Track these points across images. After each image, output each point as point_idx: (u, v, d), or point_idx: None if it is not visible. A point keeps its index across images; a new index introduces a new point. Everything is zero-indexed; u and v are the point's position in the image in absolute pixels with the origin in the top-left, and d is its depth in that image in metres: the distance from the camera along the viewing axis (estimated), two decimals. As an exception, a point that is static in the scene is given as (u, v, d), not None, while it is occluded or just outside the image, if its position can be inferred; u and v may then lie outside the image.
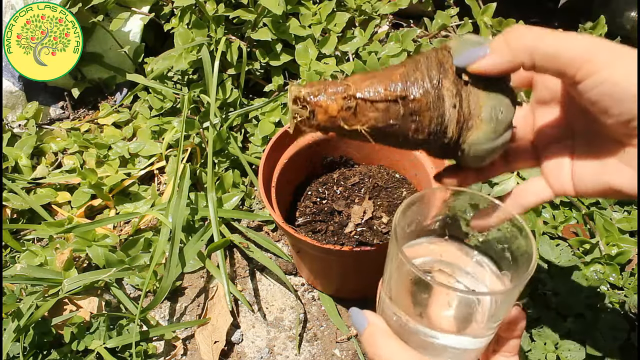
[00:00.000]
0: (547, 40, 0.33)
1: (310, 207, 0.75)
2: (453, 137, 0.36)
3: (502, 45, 0.34)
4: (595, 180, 0.37)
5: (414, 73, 0.36)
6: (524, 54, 0.33)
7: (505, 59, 0.34)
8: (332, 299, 0.75)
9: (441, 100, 0.35)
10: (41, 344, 0.68)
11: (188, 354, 0.72)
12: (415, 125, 0.36)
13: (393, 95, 0.36)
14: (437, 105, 0.35)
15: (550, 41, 0.33)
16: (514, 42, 0.33)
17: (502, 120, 0.35)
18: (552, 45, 0.32)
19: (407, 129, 0.37)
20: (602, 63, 0.31)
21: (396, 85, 0.36)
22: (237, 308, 0.76)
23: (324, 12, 0.90)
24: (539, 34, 0.33)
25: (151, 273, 0.71)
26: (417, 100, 0.36)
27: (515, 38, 0.33)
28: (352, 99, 0.36)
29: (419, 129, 0.36)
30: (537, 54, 0.33)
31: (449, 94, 0.35)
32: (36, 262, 0.77)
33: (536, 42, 0.33)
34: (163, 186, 0.91)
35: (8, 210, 0.84)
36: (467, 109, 0.35)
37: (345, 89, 0.37)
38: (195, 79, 0.98)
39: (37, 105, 1.00)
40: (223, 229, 0.80)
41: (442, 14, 0.94)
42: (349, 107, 0.37)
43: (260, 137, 0.88)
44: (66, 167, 0.92)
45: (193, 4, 0.92)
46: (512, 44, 0.33)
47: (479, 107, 0.35)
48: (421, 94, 0.35)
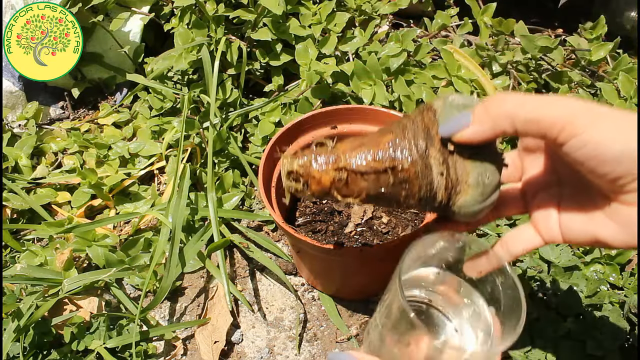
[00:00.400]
0: (527, 106, 0.33)
1: (310, 207, 0.75)
2: (443, 201, 0.38)
3: (483, 115, 0.35)
4: (583, 231, 0.38)
5: (402, 141, 0.37)
6: (505, 122, 0.34)
7: (487, 128, 0.35)
8: (332, 299, 0.75)
9: (429, 169, 0.37)
10: (41, 344, 0.68)
11: (188, 354, 0.72)
12: (406, 192, 0.38)
13: (382, 166, 0.37)
14: (425, 174, 0.37)
15: (529, 107, 0.33)
16: (495, 111, 0.34)
17: (488, 184, 0.37)
18: (532, 111, 0.33)
19: (398, 195, 0.38)
20: (583, 126, 0.32)
21: (384, 154, 0.37)
22: (237, 308, 0.76)
23: (324, 12, 0.90)
24: (519, 101, 0.34)
25: (151, 273, 0.71)
26: (405, 170, 0.37)
27: (496, 107, 0.34)
28: (343, 171, 0.38)
29: (409, 195, 0.38)
30: (518, 121, 0.34)
31: (436, 163, 0.37)
32: (36, 262, 0.77)
33: (516, 110, 0.34)
34: (163, 186, 0.91)
35: (8, 210, 0.84)
36: (454, 176, 0.37)
37: (336, 160, 0.38)
38: (195, 79, 0.98)
39: (37, 105, 1.00)
40: (223, 229, 0.80)
41: (442, 14, 0.94)
42: (340, 178, 0.38)
43: (260, 137, 0.88)
44: (66, 167, 0.92)
45: (193, 4, 0.92)
46: (492, 113, 0.34)
47: (466, 174, 0.36)
48: (409, 164, 0.37)
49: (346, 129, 0.75)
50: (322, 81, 0.86)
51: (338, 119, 0.74)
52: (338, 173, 0.38)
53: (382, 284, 0.45)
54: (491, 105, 0.35)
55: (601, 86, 0.79)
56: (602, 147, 0.32)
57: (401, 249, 0.38)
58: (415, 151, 0.37)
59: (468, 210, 0.38)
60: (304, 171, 0.39)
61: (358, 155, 0.38)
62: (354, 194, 0.39)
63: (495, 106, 0.34)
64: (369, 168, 0.38)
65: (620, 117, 0.32)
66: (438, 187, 0.37)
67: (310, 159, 0.39)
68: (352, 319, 0.74)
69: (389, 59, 0.83)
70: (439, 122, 0.36)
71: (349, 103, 0.87)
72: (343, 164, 0.38)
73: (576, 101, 0.33)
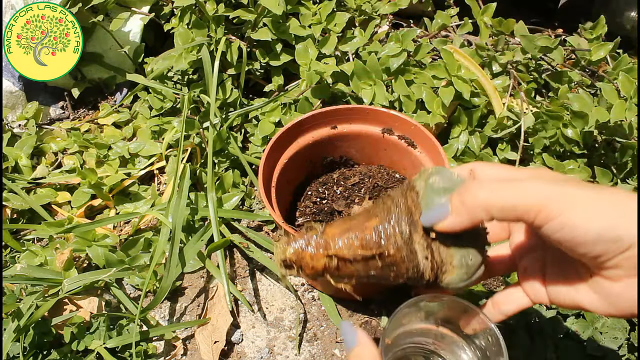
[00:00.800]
0: (500, 195, 0.35)
1: (310, 207, 0.75)
2: (430, 279, 0.40)
3: (459, 207, 0.36)
4: (568, 298, 0.39)
5: (387, 227, 0.40)
6: (481, 212, 0.35)
7: (464, 219, 0.36)
8: (332, 299, 0.75)
9: (414, 253, 0.39)
10: (41, 344, 0.68)
11: (188, 354, 0.72)
12: (394, 274, 0.41)
13: (369, 253, 0.40)
14: (410, 258, 0.39)
15: (503, 196, 0.35)
16: (470, 202, 0.36)
17: (472, 265, 0.39)
18: (505, 199, 0.34)
19: (387, 276, 0.41)
20: (558, 209, 0.33)
21: (371, 241, 0.40)
22: (237, 308, 0.76)
23: (324, 12, 0.90)
24: (492, 190, 0.35)
25: (151, 273, 0.71)
26: (392, 255, 0.39)
27: (471, 198, 0.36)
28: (334, 258, 0.41)
29: (397, 275, 0.41)
30: (493, 210, 0.35)
31: (420, 248, 0.39)
32: (36, 262, 0.77)
33: (490, 200, 0.35)
34: (163, 186, 0.91)
35: (8, 210, 0.84)
36: (439, 258, 0.39)
37: (325, 247, 0.41)
38: (195, 79, 0.98)
39: (37, 105, 1.00)
40: (223, 229, 0.80)
41: (442, 14, 0.94)
42: (331, 264, 0.41)
43: (260, 137, 0.88)
44: (66, 167, 0.92)
45: (193, 4, 0.92)
46: (468, 205, 0.36)
47: (450, 256, 0.39)
48: (395, 250, 0.39)
49: (346, 129, 0.75)
50: (322, 81, 0.86)
51: (338, 119, 0.74)
52: (329, 260, 0.41)
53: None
54: (466, 197, 0.36)
55: (601, 86, 0.79)
56: (578, 230, 0.33)
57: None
58: (399, 238, 0.39)
59: (455, 286, 0.40)
60: (296, 258, 0.42)
61: (346, 243, 0.41)
62: (346, 277, 0.42)
63: (470, 197, 0.36)
64: (357, 255, 0.40)
65: (593, 199, 0.33)
66: (424, 269, 0.39)
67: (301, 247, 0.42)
68: (352, 319, 0.74)
69: (389, 59, 0.83)
70: (421, 207, 0.39)
71: (349, 103, 0.87)
72: (333, 252, 0.41)
73: (548, 185, 0.34)
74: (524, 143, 0.77)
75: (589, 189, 0.33)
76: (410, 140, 0.73)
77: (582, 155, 0.81)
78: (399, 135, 0.73)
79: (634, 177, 0.79)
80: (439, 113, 0.80)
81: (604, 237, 0.32)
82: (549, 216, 0.33)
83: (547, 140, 0.80)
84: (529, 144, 0.80)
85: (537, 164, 0.80)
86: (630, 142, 0.76)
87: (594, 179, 0.80)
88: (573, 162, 0.79)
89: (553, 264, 0.41)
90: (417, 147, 0.72)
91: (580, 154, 0.79)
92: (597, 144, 0.82)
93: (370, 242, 0.40)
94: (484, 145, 0.84)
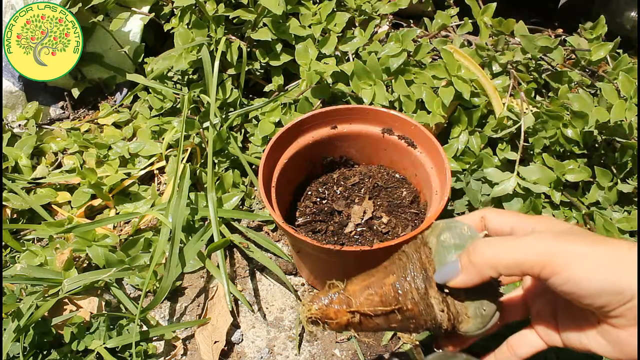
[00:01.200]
0: (506, 253, 0.37)
1: (310, 207, 0.75)
2: (448, 328, 0.43)
3: (468, 266, 0.39)
4: (578, 343, 0.41)
5: (403, 284, 0.43)
6: (489, 270, 0.38)
7: (473, 277, 0.39)
8: (332, 299, 0.75)
9: (430, 307, 0.43)
10: (41, 344, 0.68)
11: (188, 354, 0.72)
12: (414, 325, 0.44)
13: (389, 308, 0.43)
14: (427, 311, 0.43)
15: (509, 254, 0.37)
16: (478, 261, 0.38)
17: (486, 315, 0.42)
18: (511, 257, 0.37)
19: (407, 327, 0.45)
20: (561, 265, 0.35)
21: (389, 296, 0.43)
22: (237, 308, 0.76)
23: (324, 12, 0.90)
24: (497, 249, 0.38)
25: (151, 273, 0.71)
26: (410, 309, 0.43)
27: (478, 257, 0.38)
28: (356, 314, 0.44)
29: (417, 327, 0.44)
30: (500, 267, 0.37)
31: (436, 302, 0.42)
32: (36, 262, 0.77)
33: (496, 259, 0.37)
34: (163, 186, 0.91)
35: (8, 210, 0.84)
36: (454, 310, 0.42)
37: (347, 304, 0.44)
38: (195, 79, 0.98)
39: (37, 105, 1.00)
40: (223, 229, 0.80)
41: (442, 14, 0.94)
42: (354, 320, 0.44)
43: (260, 137, 0.88)
44: (66, 167, 0.92)
45: (193, 4, 0.92)
46: (476, 264, 0.38)
47: (464, 308, 0.42)
48: (413, 305, 0.43)
49: (346, 129, 0.75)
50: (322, 81, 0.86)
51: (338, 119, 0.74)
52: (351, 315, 0.44)
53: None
54: (474, 256, 0.39)
55: (601, 86, 0.79)
56: (582, 284, 0.35)
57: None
58: (416, 293, 0.43)
59: (472, 334, 0.43)
60: (321, 315, 0.45)
61: (367, 299, 0.44)
62: (369, 329, 0.45)
63: (478, 257, 0.38)
64: (378, 311, 0.44)
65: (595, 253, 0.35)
66: (442, 320, 0.43)
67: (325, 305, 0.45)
68: (352, 319, 0.74)
69: (389, 59, 0.83)
70: (435, 263, 0.42)
71: (349, 103, 0.87)
72: (355, 308, 0.44)
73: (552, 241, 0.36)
74: (524, 143, 0.77)
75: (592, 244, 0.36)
76: (410, 140, 0.73)
77: (582, 155, 0.81)
78: (399, 135, 0.73)
79: (634, 177, 0.79)
80: (439, 113, 0.80)
81: (607, 290, 0.34)
82: (554, 271, 0.35)
83: (547, 140, 0.80)
84: (529, 144, 0.80)
85: (537, 163, 0.80)
86: (630, 142, 0.76)
87: (594, 178, 0.80)
88: (573, 162, 0.79)
89: (563, 309, 0.43)
90: (417, 147, 0.72)
91: (580, 154, 0.79)
92: (597, 144, 0.82)
93: (389, 298, 0.43)
94: (484, 145, 0.84)
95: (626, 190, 0.78)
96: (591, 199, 0.80)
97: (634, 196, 0.80)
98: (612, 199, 0.79)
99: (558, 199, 0.78)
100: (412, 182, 0.77)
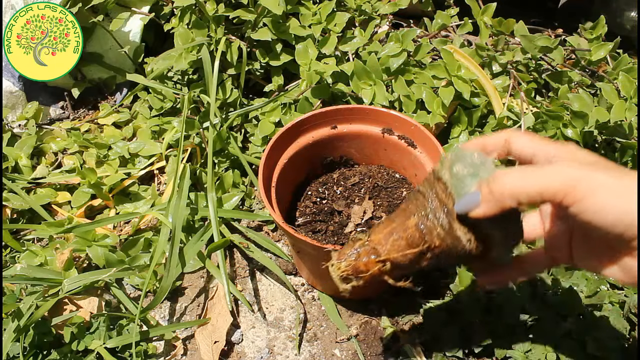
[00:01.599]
0: (527, 182, 0.37)
1: (310, 207, 0.75)
2: (478, 256, 0.43)
3: (488, 196, 0.39)
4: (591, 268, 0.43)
5: (427, 222, 0.43)
6: (509, 200, 0.38)
7: (493, 206, 0.39)
8: (332, 299, 0.75)
9: (458, 239, 0.42)
10: (41, 344, 0.68)
11: (188, 354, 0.72)
12: (445, 260, 0.44)
13: (417, 250, 0.43)
14: (455, 244, 0.42)
15: (530, 183, 0.37)
16: (498, 191, 0.38)
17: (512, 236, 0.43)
18: (532, 187, 0.37)
19: (439, 264, 0.45)
20: (584, 192, 0.36)
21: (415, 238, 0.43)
22: (237, 308, 0.76)
23: (324, 12, 0.90)
24: (518, 179, 0.38)
25: (151, 273, 0.71)
26: (438, 246, 0.43)
27: (499, 188, 0.38)
28: (386, 262, 0.44)
29: (448, 259, 0.45)
30: (521, 197, 0.38)
31: (462, 233, 0.42)
32: (36, 262, 0.76)
33: (517, 189, 0.38)
34: (163, 186, 0.91)
35: (8, 210, 0.84)
36: (480, 238, 0.42)
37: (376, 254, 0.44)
38: (195, 79, 0.98)
39: (37, 105, 1.00)
40: (223, 229, 0.80)
41: (442, 14, 0.94)
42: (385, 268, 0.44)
43: (260, 137, 0.88)
44: (66, 167, 0.92)
45: (193, 4, 0.92)
46: (496, 194, 0.38)
47: (490, 236, 0.42)
48: (440, 240, 0.43)
49: (346, 129, 0.75)
50: (322, 81, 0.86)
51: (338, 119, 0.74)
52: (382, 265, 0.44)
53: (382, 284, 0.46)
54: (494, 187, 0.38)
55: (601, 86, 0.79)
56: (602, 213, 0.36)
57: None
58: (441, 229, 0.42)
59: (502, 259, 0.45)
60: (352, 271, 0.45)
61: (394, 246, 0.44)
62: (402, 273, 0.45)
63: (498, 187, 0.38)
64: (407, 254, 0.44)
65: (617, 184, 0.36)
66: (470, 248, 0.42)
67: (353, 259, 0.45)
68: (352, 319, 0.74)
69: (389, 59, 0.83)
70: (453, 196, 0.41)
71: (349, 103, 0.87)
72: (384, 257, 0.44)
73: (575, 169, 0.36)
74: (524, 143, 0.76)
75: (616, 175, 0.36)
76: (410, 140, 0.73)
77: (582, 155, 0.81)
78: (399, 135, 0.73)
79: (634, 177, 0.79)
80: (439, 113, 0.80)
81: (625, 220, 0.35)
82: (575, 198, 0.36)
83: (547, 140, 0.80)
84: (529, 144, 0.80)
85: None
86: (630, 142, 0.76)
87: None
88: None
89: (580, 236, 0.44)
90: (417, 147, 0.72)
91: (580, 154, 0.79)
92: (597, 144, 0.82)
93: (415, 239, 0.43)
94: (484, 145, 0.84)
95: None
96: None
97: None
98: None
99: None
100: (412, 182, 0.77)
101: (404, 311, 0.73)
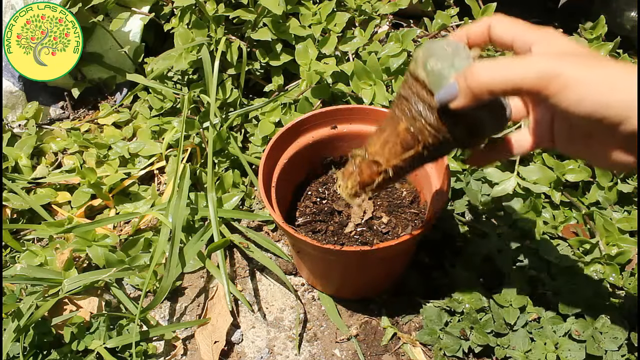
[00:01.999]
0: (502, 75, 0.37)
1: (310, 207, 0.75)
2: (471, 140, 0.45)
3: (465, 89, 0.39)
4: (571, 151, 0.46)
5: (415, 124, 0.44)
6: (484, 93, 0.38)
7: (470, 99, 0.39)
8: (332, 299, 0.75)
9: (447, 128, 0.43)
10: (41, 344, 0.68)
11: (188, 354, 0.72)
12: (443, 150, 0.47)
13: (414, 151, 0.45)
14: (447, 137, 0.44)
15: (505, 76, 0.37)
16: (473, 84, 0.38)
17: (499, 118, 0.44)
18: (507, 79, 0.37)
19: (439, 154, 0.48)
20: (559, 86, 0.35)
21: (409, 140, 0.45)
22: (237, 308, 0.76)
23: (324, 12, 0.90)
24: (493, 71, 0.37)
25: (151, 273, 0.71)
26: (432, 142, 0.44)
27: (474, 80, 0.38)
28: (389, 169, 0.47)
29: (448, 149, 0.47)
30: (496, 90, 0.37)
31: (449, 122, 0.43)
32: (36, 262, 0.77)
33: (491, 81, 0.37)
34: (163, 186, 0.91)
35: (8, 210, 0.84)
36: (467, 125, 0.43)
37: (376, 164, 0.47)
38: (195, 79, 0.98)
39: (37, 105, 1.00)
40: (223, 229, 0.80)
41: (442, 14, 0.94)
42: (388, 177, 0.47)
43: (260, 137, 0.88)
44: (66, 167, 0.92)
45: (193, 4, 0.92)
46: (472, 86, 0.38)
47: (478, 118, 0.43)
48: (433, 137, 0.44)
49: (346, 129, 0.75)
50: (322, 81, 0.86)
51: (338, 119, 0.74)
52: (385, 174, 0.47)
53: (382, 284, 0.46)
54: (469, 79, 0.38)
55: (601, 86, 0.79)
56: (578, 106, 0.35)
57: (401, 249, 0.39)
58: (430, 127, 0.43)
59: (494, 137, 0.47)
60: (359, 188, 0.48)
61: (391, 153, 0.46)
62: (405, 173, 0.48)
63: (473, 80, 0.38)
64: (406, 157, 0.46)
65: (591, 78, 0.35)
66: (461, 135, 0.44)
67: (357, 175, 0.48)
68: (352, 319, 0.74)
69: (389, 59, 0.83)
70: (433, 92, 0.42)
71: (349, 103, 0.87)
72: (385, 166, 0.46)
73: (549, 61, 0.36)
74: (524, 143, 0.76)
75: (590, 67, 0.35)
76: (410, 140, 0.73)
77: (582, 155, 0.81)
78: (399, 135, 0.73)
79: (634, 177, 0.79)
80: (439, 113, 0.80)
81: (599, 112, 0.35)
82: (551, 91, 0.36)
83: (547, 140, 0.80)
84: (529, 144, 0.80)
85: (537, 163, 0.80)
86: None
87: (594, 178, 0.80)
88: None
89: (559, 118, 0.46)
90: (417, 147, 0.72)
91: (580, 154, 0.79)
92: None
93: (409, 142, 0.45)
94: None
95: (626, 190, 0.78)
96: (591, 199, 0.80)
97: (634, 196, 0.80)
98: (612, 199, 0.79)
99: (558, 198, 0.78)
100: (412, 182, 0.77)
101: (404, 311, 0.73)
